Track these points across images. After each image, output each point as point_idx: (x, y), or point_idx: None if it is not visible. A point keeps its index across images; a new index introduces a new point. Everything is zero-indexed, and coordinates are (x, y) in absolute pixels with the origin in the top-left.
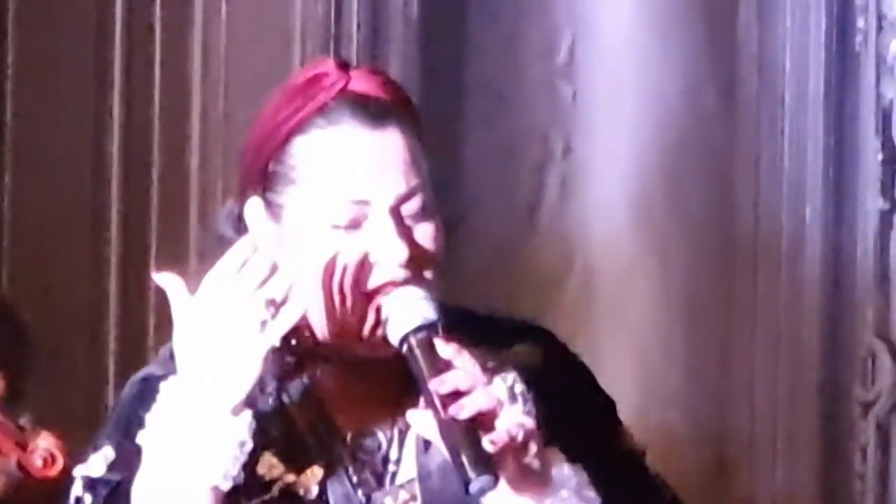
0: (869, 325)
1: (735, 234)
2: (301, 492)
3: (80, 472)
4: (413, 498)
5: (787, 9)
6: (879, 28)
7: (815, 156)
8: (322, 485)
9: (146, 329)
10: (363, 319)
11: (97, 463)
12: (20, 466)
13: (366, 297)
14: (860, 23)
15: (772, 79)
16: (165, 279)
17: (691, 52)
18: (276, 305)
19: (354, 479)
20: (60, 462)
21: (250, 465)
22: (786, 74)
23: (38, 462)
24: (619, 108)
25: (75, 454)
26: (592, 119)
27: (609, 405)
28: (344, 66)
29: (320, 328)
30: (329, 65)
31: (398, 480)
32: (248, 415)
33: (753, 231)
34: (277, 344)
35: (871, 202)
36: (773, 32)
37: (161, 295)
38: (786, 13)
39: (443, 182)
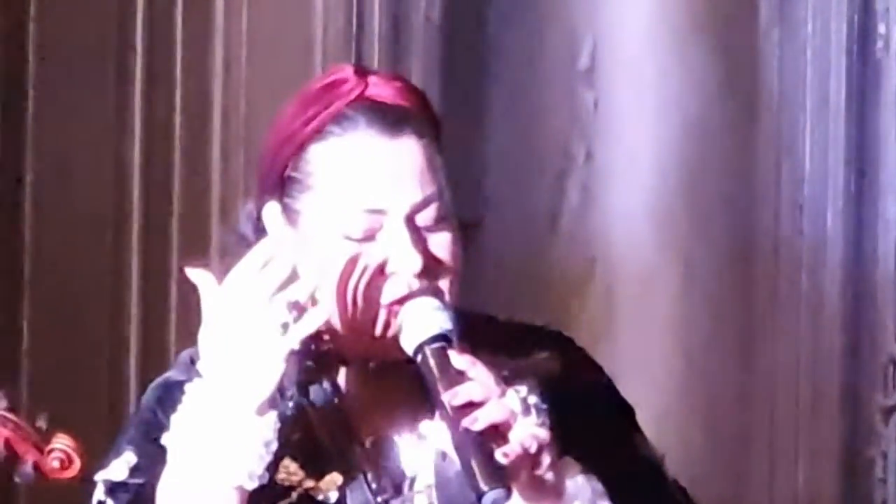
0: (889, 332)
1: (756, 242)
2: (320, 498)
3: (101, 476)
4: None
5: (808, 15)
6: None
7: (835, 163)
8: (341, 491)
9: (168, 333)
10: (375, 329)
11: (119, 468)
12: (36, 468)
13: (379, 308)
14: (881, 29)
15: (793, 85)
16: (197, 275)
17: (712, 60)
18: (298, 309)
19: (373, 485)
20: (77, 464)
21: (270, 470)
22: (807, 80)
23: (55, 464)
24: (640, 114)
25: (95, 458)
26: (614, 126)
27: (627, 413)
28: (362, 73)
29: (338, 334)
30: (347, 71)
31: (416, 487)
32: (272, 415)
33: (774, 238)
34: (298, 347)
35: (892, 209)
36: (793, 38)
37: (183, 298)
38: (807, 19)
39: (463, 188)
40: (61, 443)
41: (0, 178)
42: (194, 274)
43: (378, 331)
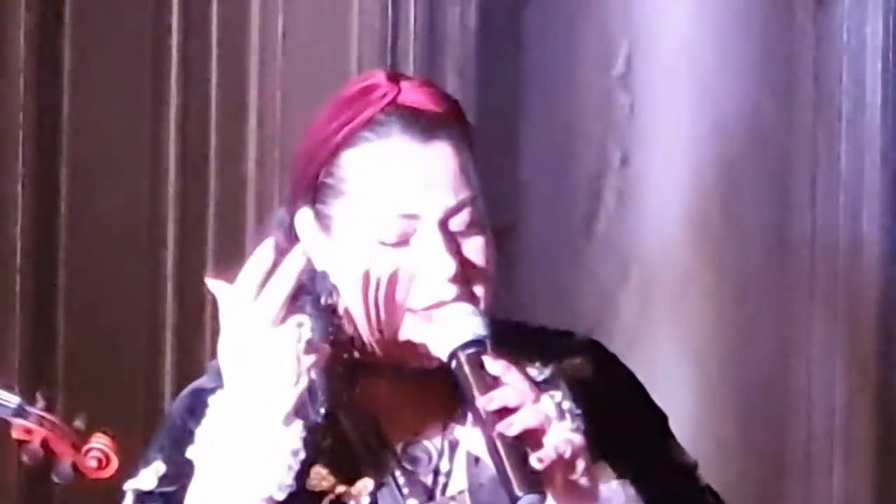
0: None
1: (792, 245)
2: (351, 502)
3: (130, 486)
4: None
5: (844, 20)
6: None
7: (871, 165)
8: (373, 496)
9: (203, 339)
10: (406, 334)
11: (148, 477)
12: (74, 467)
13: (413, 313)
14: None
15: (828, 89)
16: (216, 286)
17: (748, 64)
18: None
19: (405, 490)
20: (115, 463)
21: (300, 477)
22: (842, 85)
23: (92, 463)
24: (675, 119)
25: (131, 459)
26: (649, 130)
27: (660, 418)
28: (394, 78)
29: (369, 341)
30: (380, 76)
31: (449, 492)
32: (298, 424)
33: (810, 241)
34: (320, 358)
35: None
36: (829, 43)
37: (217, 304)
38: (842, 24)
39: (499, 192)
40: (99, 442)
41: (36, 187)
42: (213, 285)
43: (405, 336)
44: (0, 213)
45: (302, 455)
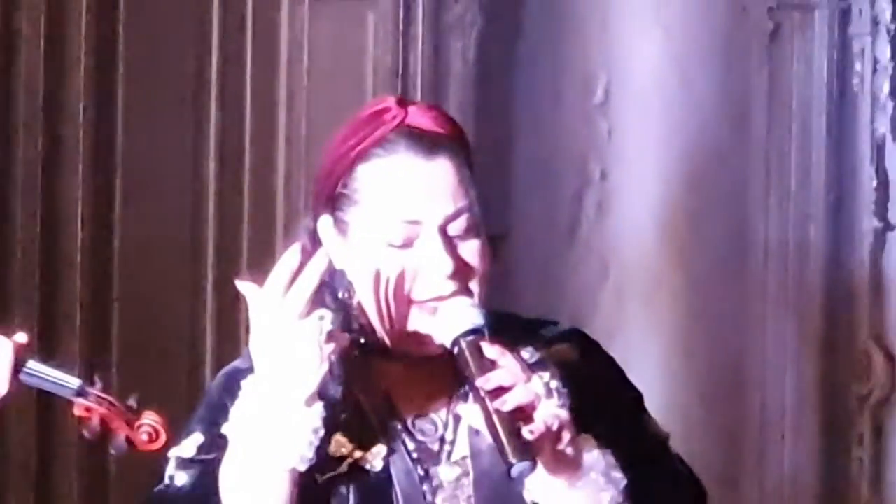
0: (864, 329)
1: (748, 250)
2: (367, 467)
3: (173, 453)
4: (466, 473)
5: (793, 54)
6: (874, 71)
7: (818, 182)
8: (385, 461)
9: (237, 328)
10: (412, 324)
11: (189, 446)
12: (128, 441)
13: (419, 306)
14: (857, 67)
15: (780, 116)
16: (245, 287)
17: (710, 94)
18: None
19: (414, 455)
20: (163, 437)
21: (323, 445)
22: (792, 112)
23: (144, 437)
24: (647, 141)
25: (176, 432)
26: (624, 151)
27: (636, 397)
28: (402, 103)
29: (381, 331)
30: (390, 101)
31: (453, 457)
32: (319, 405)
33: (764, 247)
34: (342, 346)
35: (867, 222)
36: (781, 76)
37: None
38: (792, 58)
39: (493, 203)
40: (149, 419)
41: (96, 200)
42: (242, 286)
43: (411, 326)
44: (64, 224)
45: (321, 432)
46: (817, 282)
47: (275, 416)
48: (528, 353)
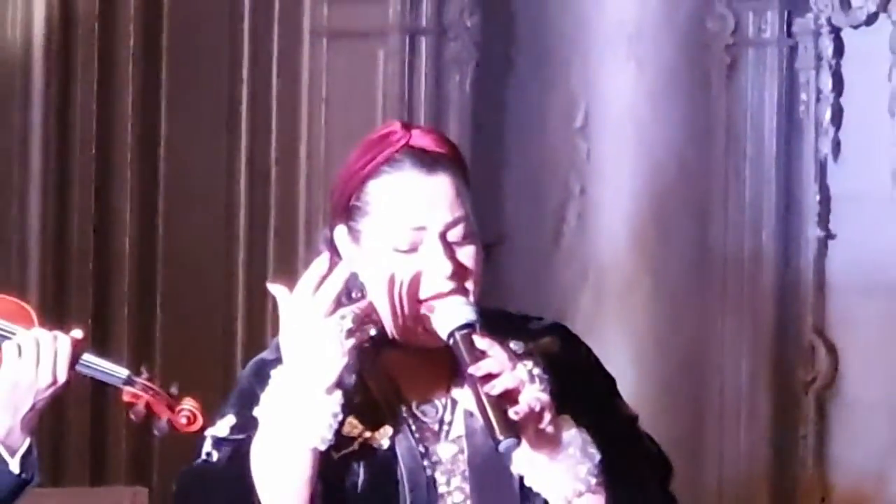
0: (809, 324)
1: (709, 256)
2: (375, 445)
3: (209, 433)
4: (461, 450)
5: (748, 86)
6: (818, 100)
7: (769, 196)
8: (391, 440)
9: (265, 323)
10: (417, 319)
11: (223, 426)
12: (170, 423)
13: (419, 303)
14: (803, 97)
15: (736, 139)
16: (275, 289)
17: (675, 119)
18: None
19: (417, 435)
20: (200, 420)
21: (338, 427)
22: (747, 135)
23: (183, 420)
24: (622, 160)
25: (211, 415)
26: (602, 169)
27: (610, 382)
28: (407, 126)
29: (389, 326)
30: (396, 125)
31: (450, 437)
32: (338, 393)
33: (723, 253)
34: (358, 341)
35: (811, 231)
36: (737, 104)
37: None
38: (747, 89)
39: (487, 214)
40: (188, 404)
41: (141, 214)
42: (273, 288)
43: (419, 329)
44: (114, 235)
45: (340, 417)
46: (768, 283)
47: (300, 401)
48: (515, 345)
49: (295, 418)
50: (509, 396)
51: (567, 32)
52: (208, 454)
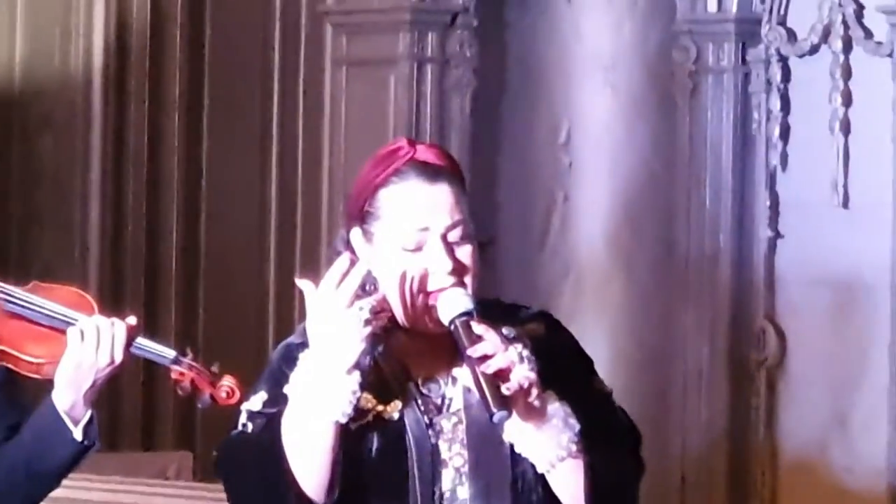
0: (760, 312)
1: (674, 257)
2: (387, 417)
3: (244, 407)
4: (460, 421)
5: (708, 107)
6: (768, 119)
7: (725, 202)
8: (400, 412)
9: (293, 312)
10: (422, 309)
11: (256, 401)
12: (211, 398)
13: (425, 295)
14: (755, 116)
15: (698, 153)
16: (303, 284)
17: (646, 136)
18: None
19: (422, 408)
20: (238, 395)
21: (356, 405)
22: (707, 149)
23: (223, 395)
24: (599, 172)
25: (247, 391)
26: (582, 180)
27: (588, 362)
28: (412, 142)
29: (399, 314)
30: (402, 141)
31: (451, 409)
32: (357, 374)
33: (686, 252)
34: (371, 319)
35: (762, 232)
36: (698, 123)
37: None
38: (707, 110)
39: (482, 217)
40: (228, 381)
41: (186, 219)
42: (301, 283)
43: (427, 318)
44: (163, 237)
45: (358, 394)
46: (725, 277)
47: (324, 381)
48: (507, 330)
49: (319, 395)
50: (502, 375)
51: (551, 62)
52: (244, 425)
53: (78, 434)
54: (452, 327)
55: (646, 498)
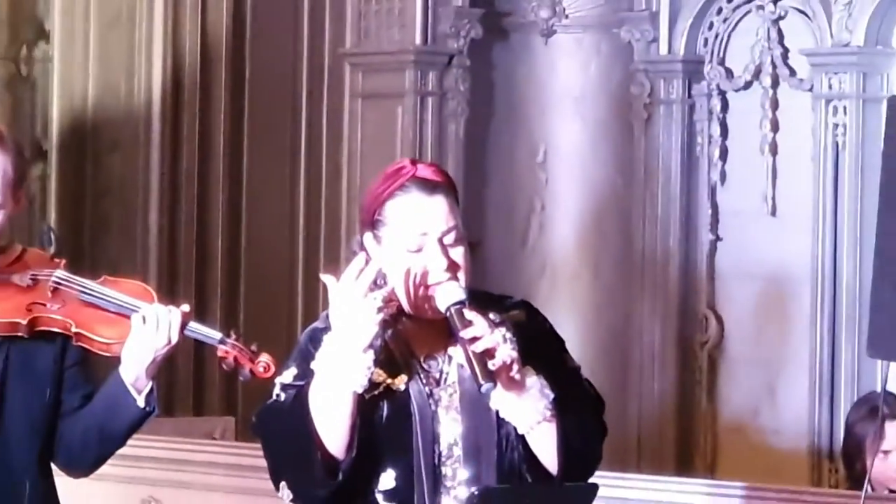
0: (703, 302)
1: (632, 255)
2: (395, 388)
3: (278, 380)
4: (455, 392)
5: (660, 133)
6: (710, 143)
7: (675, 211)
8: (406, 385)
9: (317, 302)
10: (424, 299)
11: (287, 376)
12: (251, 372)
13: (426, 287)
14: (699, 140)
15: (652, 170)
16: (326, 278)
17: (609, 157)
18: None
19: (423, 381)
20: (273, 370)
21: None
22: (660, 168)
23: (261, 369)
24: (571, 186)
25: (280, 367)
26: (557, 192)
27: (561, 343)
28: (414, 162)
29: (405, 304)
30: (405, 161)
31: (447, 382)
32: (371, 352)
33: (642, 253)
34: (384, 308)
35: (705, 236)
36: (652, 146)
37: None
38: (659, 135)
39: (472, 223)
40: (264, 358)
41: (230, 221)
42: (324, 278)
43: (423, 300)
44: (209, 235)
45: (372, 369)
46: (674, 273)
47: (344, 358)
48: (493, 316)
49: (340, 370)
50: (489, 353)
51: (531, 95)
52: (277, 395)
53: (141, 402)
54: (448, 314)
55: (608, 455)
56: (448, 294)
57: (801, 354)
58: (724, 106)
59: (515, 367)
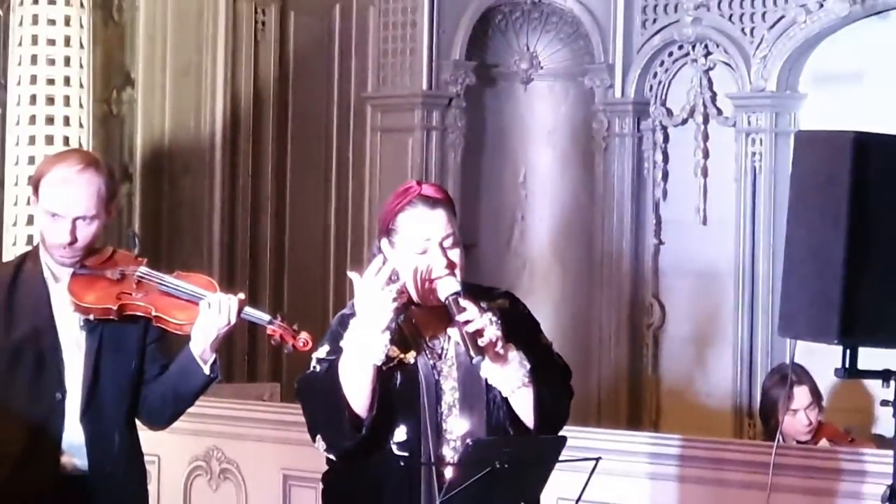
0: (649, 293)
1: (593, 255)
2: (406, 362)
3: (314, 355)
4: (453, 364)
5: (615, 160)
6: (654, 167)
7: (627, 221)
8: (415, 359)
9: (345, 293)
10: (428, 291)
11: (322, 352)
12: (294, 347)
13: (430, 282)
14: (646, 165)
15: (609, 189)
16: (352, 275)
17: (575, 178)
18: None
19: (429, 356)
20: (311, 345)
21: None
22: (614, 186)
23: (301, 344)
24: (545, 200)
25: (316, 343)
26: (534, 205)
27: (537, 324)
28: (419, 183)
29: (414, 295)
30: (413, 182)
31: (447, 357)
32: (388, 333)
33: (601, 254)
34: (398, 304)
35: (651, 241)
36: (609, 170)
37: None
38: (614, 162)
39: (467, 230)
40: (304, 336)
41: (276, 229)
42: (351, 274)
43: (428, 292)
44: (260, 240)
45: (388, 347)
46: (627, 270)
47: (367, 338)
48: (483, 303)
49: (364, 347)
50: (479, 333)
51: (514, 129)
52: (314, 367)
53: (206, 370)
54: (447, 302)
55: (574, 413)
56: (447, 286)
57: (726, 333)
58: (666, 138)
59: (500, 343)
